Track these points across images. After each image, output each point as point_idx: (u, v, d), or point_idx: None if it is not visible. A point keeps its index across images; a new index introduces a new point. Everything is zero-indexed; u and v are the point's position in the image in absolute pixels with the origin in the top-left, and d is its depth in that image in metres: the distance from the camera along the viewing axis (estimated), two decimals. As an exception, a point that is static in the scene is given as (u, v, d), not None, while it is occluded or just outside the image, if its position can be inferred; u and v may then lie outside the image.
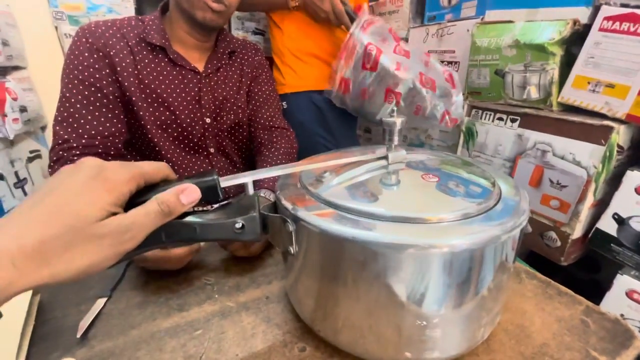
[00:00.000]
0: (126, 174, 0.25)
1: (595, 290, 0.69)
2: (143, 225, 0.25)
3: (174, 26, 0.67)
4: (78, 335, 0.39)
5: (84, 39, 0.61)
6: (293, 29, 0.89)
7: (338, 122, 0.94)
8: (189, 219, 0.30)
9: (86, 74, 0.60)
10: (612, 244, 0.66)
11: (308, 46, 0.91)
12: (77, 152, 0.59)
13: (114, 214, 0.24)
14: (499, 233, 0.29)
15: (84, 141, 0.60)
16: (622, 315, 0.65)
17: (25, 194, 1.01)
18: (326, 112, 0.92)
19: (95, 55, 0.61)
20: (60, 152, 0.59)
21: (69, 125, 0.60)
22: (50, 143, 1.16)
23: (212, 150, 0.74)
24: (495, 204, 0.31)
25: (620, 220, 0.64)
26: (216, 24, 0.65)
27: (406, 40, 1.09)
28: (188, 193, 0.27)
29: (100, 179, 0.24)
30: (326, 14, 0.83)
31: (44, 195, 0.23)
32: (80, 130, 0.60)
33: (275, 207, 0.35)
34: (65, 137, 0.59)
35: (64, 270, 0.22)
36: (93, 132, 0.61)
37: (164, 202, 0.26)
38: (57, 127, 0.60)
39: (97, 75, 0.61)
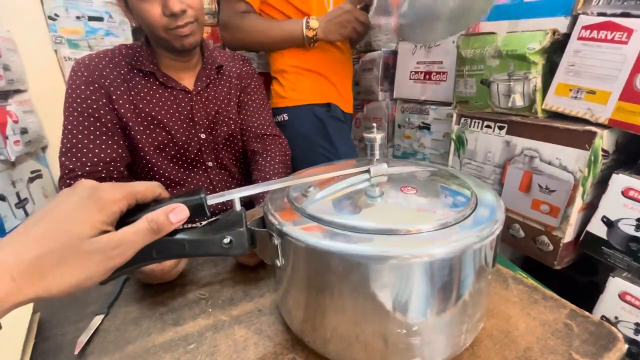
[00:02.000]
0: (118, 194, 0.27)
1: (593, 292, 0.70)
2: (132, 242, 0.27)
3: (159, 54, 0.69)
4: (76, 352, 0.40)
5: (79, 73, 0.65)
6: (295, 49, 0.92)
7: (337, 133, 0.97)
8: (179, 236, 0.31)
9: (84, 105, 0.64)
10: (603, 247, 0.67)
11: (309, 63, 0.93)
12: (83, 180, 0.62)
13: (106, 231, 0.26)
14: (475, 240, 0.30)
15: (87, 169, 0.63)
16: (616, 317, 0.65)
17: (26, 214, 1.03)
18: (327, 123, 0.94)
19: (91, 87, 0.64)
20: (68, 181, 0.62)
21: (73, 156, 0.63)
22: (50, 162, 1.18)
23: (210, 164, 0.76)
24: (472, 213, 0.33)
25: (609, 223, 0.65)
26: (195, 42, 0.66)
27: (395, 53, 1.12)
28: (177, 212, 0.29)
29: (93, 199, 0.26)
30: (356, 24, 0.84)
31: (43, 215, 0.25)
32: (84, 159, 0.63)
33: (264, 221, 0.37)
34: (71, 166, 0.63)
35: (57, 284, 0.24)
36: (95, 159, 0.64)
37: (153, 220, 0.28)
38: (63, 159, 0.64)
39: (95, 106, 0.64)
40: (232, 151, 0.80)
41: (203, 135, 0.73)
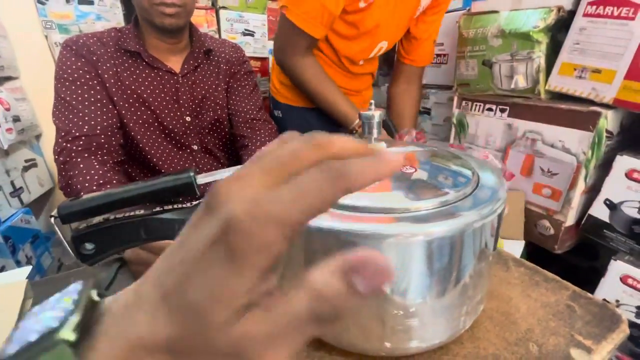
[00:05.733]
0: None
1: (594, 277, 0.69)
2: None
3: (146, 34, 0.69)
4: (68, 338, 0.39)
5: (68, 48, 0.65)
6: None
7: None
8: (168, 215, 0.30)
9: (76, 75, 0.64)
10: (605, 230, 0.66)
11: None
12: (81, 143, 0.62)
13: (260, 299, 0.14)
14: (475, 219, 0.29)
15: (85, 130, 0.62)
16: (617, 300, 0.65)
17: (21, 202, 1.02)
18: (315, 129, 0.91)
19: (82, 60, 0.65)
20: (64, 144, 0.61)
21: (67, 118, 0.62)
22: (45, 152, 1.17)
23: (195, 147, 0.76)
24: (473, 192, 0.31)
25: (612, 206, 0.64)
26: (176, 25, 0.66)
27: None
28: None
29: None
30: None
31: (187, 276, 0.13)
32: (80, 123, 0.62)
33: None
34: (67, 128, 0.62)
35: None
36: (92, 123, 0.63)
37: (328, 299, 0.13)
38: (57, 121, 0.63)
39: (87, 76, 0.64)
40: (218, 136, 0.80)
41: (188, 118, 0.73)
